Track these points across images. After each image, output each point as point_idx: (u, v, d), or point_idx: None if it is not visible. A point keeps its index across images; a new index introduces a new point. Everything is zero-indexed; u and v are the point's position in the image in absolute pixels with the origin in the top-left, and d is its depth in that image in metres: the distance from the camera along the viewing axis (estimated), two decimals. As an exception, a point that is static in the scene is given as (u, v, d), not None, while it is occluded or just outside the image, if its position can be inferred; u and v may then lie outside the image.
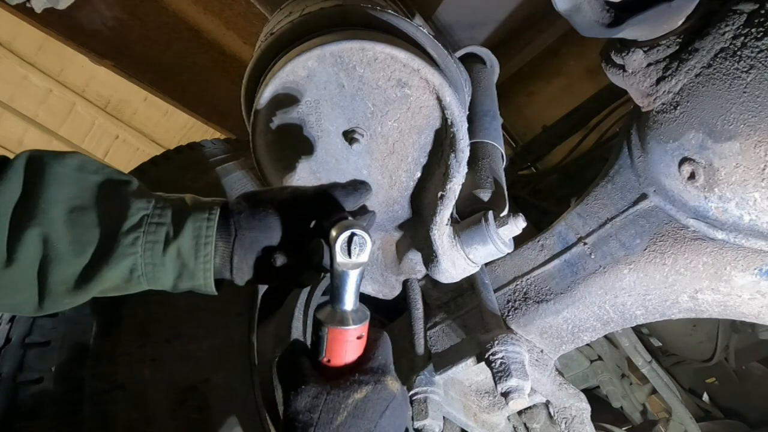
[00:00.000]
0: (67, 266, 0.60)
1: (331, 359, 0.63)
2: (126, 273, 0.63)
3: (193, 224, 0.65)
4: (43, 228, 0.58)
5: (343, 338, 0.62)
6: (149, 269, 0.64)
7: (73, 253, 0.59)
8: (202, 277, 0.66)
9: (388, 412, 0.61)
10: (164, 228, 0.64)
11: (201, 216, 0.66)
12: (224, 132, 2.78)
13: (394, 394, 0.62)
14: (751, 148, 0.87)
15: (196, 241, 0.65)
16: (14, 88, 3.15)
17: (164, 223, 0.64)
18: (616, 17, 0.92)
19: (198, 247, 0.65)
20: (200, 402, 0.94)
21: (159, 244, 0.63)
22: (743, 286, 0.97)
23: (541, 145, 2.37)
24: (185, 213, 0.66)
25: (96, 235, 0.61)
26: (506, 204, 1.15)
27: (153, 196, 0.67)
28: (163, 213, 0.65)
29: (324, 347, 0.62)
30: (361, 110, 0.99)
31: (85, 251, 0.60)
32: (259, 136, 1.00)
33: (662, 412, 2.35)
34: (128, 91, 3.18)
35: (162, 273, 0.65)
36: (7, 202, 0.57)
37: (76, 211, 0.60)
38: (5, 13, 2.49)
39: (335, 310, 0.63)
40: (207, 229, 0.65)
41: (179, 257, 0.64)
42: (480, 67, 1.51)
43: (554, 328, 1.21)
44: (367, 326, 0.64)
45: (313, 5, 0.99)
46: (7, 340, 0.86)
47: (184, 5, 2.13)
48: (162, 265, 0.64)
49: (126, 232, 0.62)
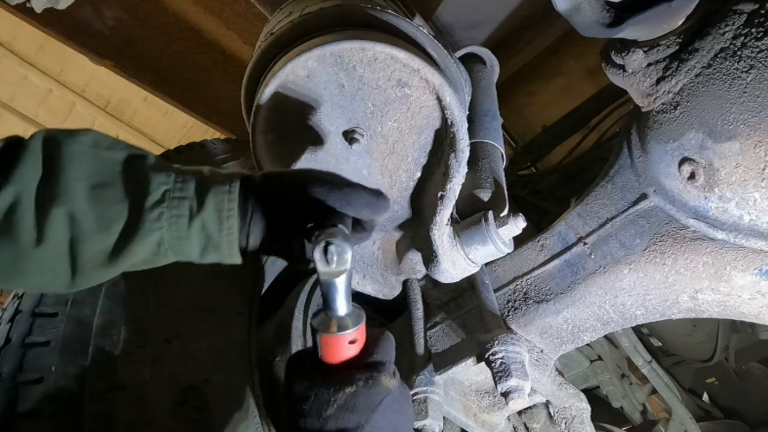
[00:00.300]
0: (93, 243, 0.61)
1: (327, 360, 0.64)
2: (154, 247, 0.64)
3: (215, 197, 0.66)
4: (68, 206, 0.59)
5: (335, 344, 0.63)
6: (175, 242, 0.65)
7: (99, 230, 0.61)
8: (227, 248, 0.68)
9: (381, 408, 0.62)
10: (187, 202, 0.65)
11: (222, 189, 0.67)
12: (224, 132, 2.78)
13: (388, 389, 0.63)
14: (751, 148, 0.87)
15: (218, 214, 0.66)
16: (14, 88, 3.15)
17: (186, 197, 0.65)
18: (616, 17, 0.92)
19: (221, 220, 0.66)
20: (200, 402, 0.94)
21: (184, 218, 0.65)
22: (743, 286, 0.97)
23: (541, 145, 2.37)
24: (206, 186, 0.67)
25: (120, 211, 0.62)
26: (506, 204, 1.15)
27: (172, 169, 0.68)
28: (184, 186, 0.66)
29: (319, 352, 0.64)
30: (361, 110, 0.99)
31: (111, 228, 0.62)
32: (259, 136, 1.00)
33: (662, 412, 2.35)
34: (128, 91, 3.18)
35: (188, 246, 0.66)
36: (29, 183, 0.58)
37: (97, 188, 0.62)
38: (5, 13, 2.49)
39: (327, 316, 0.64)
40: (229, 202, 0.67)
41: (204, 230, 0.66)
42: (480, 67, 1.51)
43: (554, 328, 1.21)
44: (362, 329, 0.65)
45: (313, 5, 0.99)
46: (7, 340, 0.86)
47: (184, 5, 2.13)
48: (188, 239, 0.66)
49: (150, 208, 0.63)
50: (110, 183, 0.63)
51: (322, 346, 0.63)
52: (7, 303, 0.96)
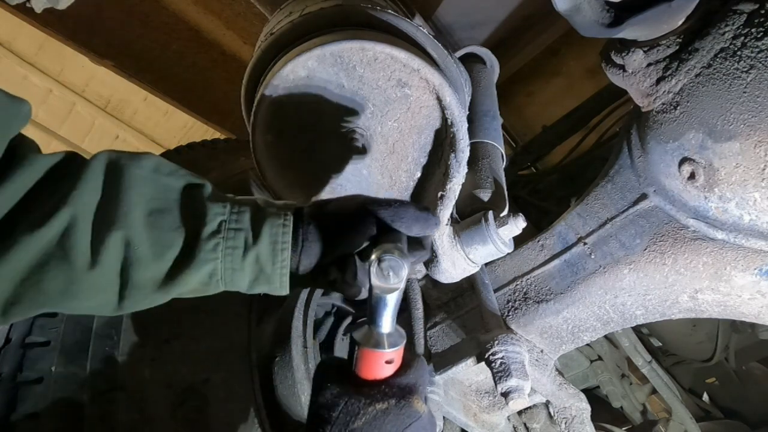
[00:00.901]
0: (147, 269, 0.61)
1: (361, 374, 0.63)
2: (206, 278, 0.65)
3: (270, 230, 0.67)
4: (125, 231, 0.59)
5: (373, 360, 0.62)
6: (228, 273, 0.65)
7: (154, 257, 0.61)
8: (278, 281, 0.68)
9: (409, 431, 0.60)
10: (242, 233, 0.66)
11: (277, 222, 0.68)
12: (224, 132, 2.78)
13: (420, 414, 0.61)
14: (751, 148, 0.87)
15: (273, 246, 0.66)
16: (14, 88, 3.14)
17: (242, 228, 0.66)
18: (616, 17, 0.92)
19: (275, 253, 0.67)
20: (200, 402, 0.94)
21: (239, 250, 0.65)
22: (743, 286, 0.97)
23: (541, 145, 2.36)
24: (261, 218, 0.67)
25: (176, 238, 0.62)
26: (506, 204, 1.15)
27: (228, 200, 0.68)
28: (239, 218, 0.66)
29: (356, 365, 0.63)
30: (361, 110, 0.99)
31: (165, 255, 0.62)
32: (259, 136, 1.00)
33: (662, 412, 2.35)
34: (128, 91, 3.18)
35: (240, 277, 0.67)
36: (88, 205, 0.58)
37: (155, 213, 0.62)
38: (5, 13, 2.49)
39: (370, 331, 0.63)
40: (283, 235, 0.67)
41: (257, 262, 0.66)
42: (480, 67, 1.51)
43: (554, 328, 1.21)
44: (401, 351, 0.64)
45: (313, 5, 0.99)
46: (7, 340, 0.86)
47: (184, 5, 2.13)
48: (241, 270, 0.66)
49: (207, 238, 0.64)
50: (168, 210, 0.63)
51: (360, 359, 0.62)
52: (7, 303, 0.96)
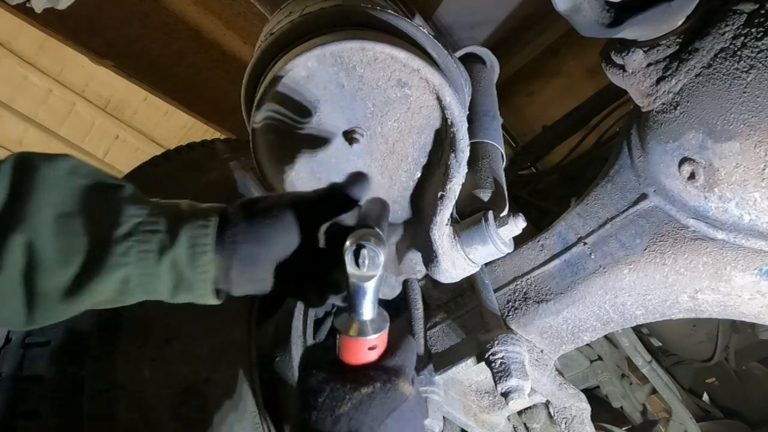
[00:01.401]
0: (52, 275, 0.56)
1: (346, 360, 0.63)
2: (118, 285, 0.59)
3: (189, 232, 0.61)
4: (28, 234, 0.54)
5: (355, 347, 0.61)
6: (144, 280, 0.60)
7: (60, 263, 0.56)
8: (201, 287, 0.63)
9: (396, 414, 0.59)
10: (158, 236, 0.60)
11: (197, 224, 0.62)
12: (224, 132, 2.78)
13: (406, 396, 0.60)
14: (751, 148, 0.87)
15: (192, 250, 0.61)
16: (14, 88, 3.15)
17: (158, 230, 0.60)
18: (616, 17, 0.92)
19: (195, 257, 0.61)
20: (200, 402, 0.94)
21: (153, 254, 0.59)
22: (743, 286, 0.97)
23: (541, 145, 2.36)
24: (181, 220, 0.62)
25: (85, 243, 0.57)
26: (506, 204, 1.15)
27: (148, 203, 0.63)
28: (158, 220, 0.61)
29: (339, 351, 0.62)
30: (361, 110, 0.99)
31: (72, 260, 0.56)
32: (259, 136, 1.00)
33: (662, 412, 2.35)
34: (128, 91, 3.18)
35: (158, 284, 0.61)
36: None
37: (65, 217, 0.57)
38: (5, 13, 2.48)
39: (351, 318, 0.62)
40: (203, 237, 0.62)
41: (175, 267, 0.61)
42: (480, 67, 1.51)
43: (554, 328, 1.21)
44: (385, 336, 0.63)
45: (313, 5, 0.99)
46: (7, 340, 0.86)
47: (184, 5, 2.13)
48: (158, 276, 0.61)
49: (118, 241, 0.58)
50: (78, 212, 0.58)
51: (342, 347, 0.62)
52: (7, 303, 0.96)
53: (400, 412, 0.59)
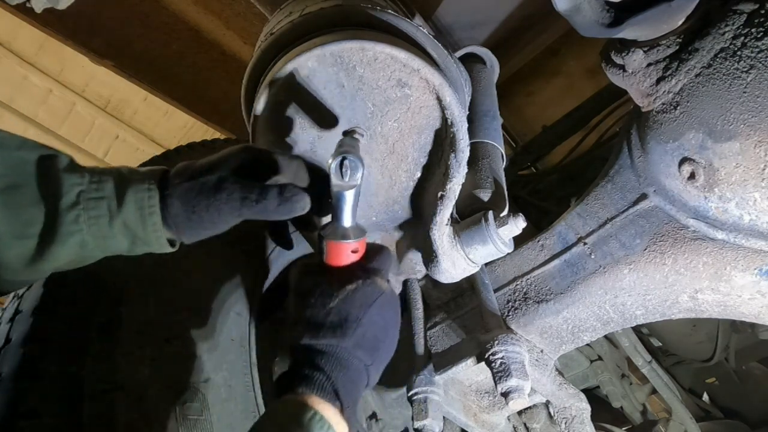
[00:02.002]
0: (10, 248, 0.59)
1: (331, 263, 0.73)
2: (77, 248, 0.64)
3: (134, 195, 0.66)
4: None
5: (340, 250, 0.72)
6: (100, 242, 0.65)
7: (14, 235, 0.59)
8: (156, 243, 0.70)
9: (377, 304, 0.71)
10: (104, 202, 0.64)
11: (141, 187, 0.67)
12: (224, 132, 2.78)
13: (383, 290, 0.72)
14: (751, 148, 0.87)
15: (140, 212, 0.66)
16: (14, 88, 3.15)
17: (104, 197, 0.65)
18: (616, 17, 0.92)
19: (144, 218, 0.67)
20: (200, 402, 0.94)
21: (104, 218, 0.64)
22: (743, 286, 0.97)
23: (541, 145, 2.36)
24: (124, 185, 0.66)
25: (36, 214, 0.61)
26: (506, 204, 1.15)
27: (86, 170, 0.67)
28: (100, 187, 0.65)
29: (326, 256, 0.73)
30: (361, 110, 0.99)
31: (27, 232, 0.60)
32: (259, 136, 1.00)
33: (662, 412, 2.36)
34: (128, 91, 3.18)
35: (114, 244, 0.67)
36: None
37: (8, 190, 0.60)
38: (5, 13, 2.48)
39: (334, 226, 0.73)
40: (149, 199, 0.67)
41: (127, 228, 0.66)
42: (480, 67, 1.51)
43: (554, 328, 1.21)
44: (364, 242, 0.75)
45: (313, 5, 0.99)
46: (7, 340, 0.86)
47: (184, 5, 2.13)
48: (113, 237, 0.66)
49: (66, 210, 0.62)
50: (23, 184, 0.61)
51: (328, 251, 0.73)
52: (7, 303, 0.96)
53: (379, 303, 0.72)
